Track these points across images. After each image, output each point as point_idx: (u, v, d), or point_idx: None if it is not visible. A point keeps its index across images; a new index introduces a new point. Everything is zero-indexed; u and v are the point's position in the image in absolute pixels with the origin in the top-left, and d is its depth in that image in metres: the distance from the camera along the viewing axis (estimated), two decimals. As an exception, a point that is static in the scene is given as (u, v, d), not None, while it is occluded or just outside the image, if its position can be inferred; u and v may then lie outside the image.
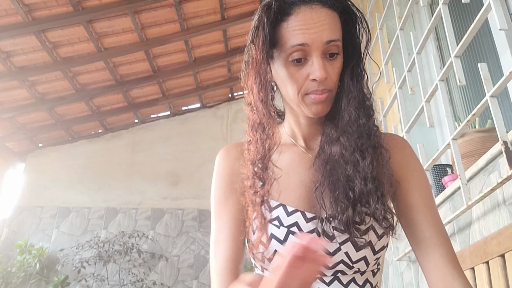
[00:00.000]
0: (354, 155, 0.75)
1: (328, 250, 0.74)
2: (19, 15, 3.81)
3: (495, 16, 1.39)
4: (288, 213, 0.76)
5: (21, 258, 4.88)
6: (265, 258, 0.76)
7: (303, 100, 0.75)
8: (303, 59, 0.73)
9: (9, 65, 4.36)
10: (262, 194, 0.78)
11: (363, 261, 0.75)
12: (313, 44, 0.71)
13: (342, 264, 0.74)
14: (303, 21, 0.71)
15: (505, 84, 1.36)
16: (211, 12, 4.63)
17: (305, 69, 0.73)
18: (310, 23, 0.71)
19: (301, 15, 0.72)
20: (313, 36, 0.71)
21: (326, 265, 0.60)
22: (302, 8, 0.72)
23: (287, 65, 0.74)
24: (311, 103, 0.75)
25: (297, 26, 0.71)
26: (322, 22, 0.71)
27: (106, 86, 5.17)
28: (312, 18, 0.71)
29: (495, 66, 1.94)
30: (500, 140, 1.33)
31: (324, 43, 0.72)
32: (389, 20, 2.77)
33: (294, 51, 0.72)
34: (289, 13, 0.72)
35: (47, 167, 5.78)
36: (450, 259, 0.74)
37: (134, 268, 5.15)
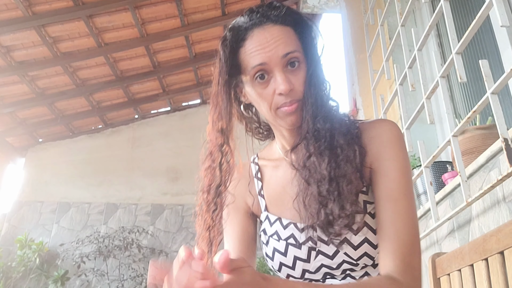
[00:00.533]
0: (311, 160, 0.76)
1: (328, 254, 0.77)
2: (19, 9, 3.80)
3: (497, 12, 1.38)
4: (284, 227, 0.82)
5: (21, 253, 4.89)
6: (275, 269, 0.83)
7: (276, 115, 0.78)
8: (266, 76, 0.76)
9: (9, 60, 4.35)
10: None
11: (366, 256, 0.77)
12: (271, 61, 0.75)
13: (346, 263, 0.77)
14: (257, 42, 0.75)
15: (506, 81, 1.36)
16: (212, 7, 4.62)
17: (270, 85, 0.76)
18: (264, 42, 0.75)
19: (255, 38, 0.76)
20: (269, 54, 0.75)
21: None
22: (255, 31, 0.76)
23: (254, 85, 0.78)
24: (284, 115, 0.77)
25: (253, 48, 0.76)
26: (275, 39, 0.75)
27: (106, 82, 5.16)
28: (266, 38, 0.75)
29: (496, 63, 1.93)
30: (500, 137, 1.33)
31: (281, 57, 0.75)
32: (390, 17, 2.77)
33: (256, 72, 0.76)
34: (244, 39, 0.77)
35: (47, 162, 5.78)
36: (391, 253, 0.71)
37: (134, 263, 5.17)
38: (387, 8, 2.64)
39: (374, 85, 2.79)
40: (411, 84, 2.09)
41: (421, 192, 2.25)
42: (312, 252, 0.79)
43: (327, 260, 0.78)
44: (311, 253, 0.79)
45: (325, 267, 0.78)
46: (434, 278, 1.48)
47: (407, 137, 2.12)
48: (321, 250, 0.78)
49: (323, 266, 0.78)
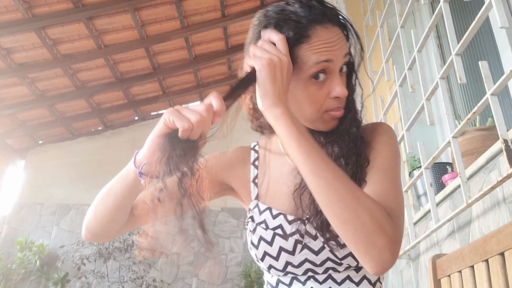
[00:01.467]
0: (339, 161, 0.77)
1: (313, 249, 0.77)
2: (19, 11, 3.81)
3: (496, 14, 1.38)
4: (273, 216, 0.81)
5: (21, 255, 4.89)
6: (258, 258, 0.81)
7: (321, 118, 0.77)
8: (322, 77, 0.74)
9: (9, 62, 4.35)
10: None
11: (350, 256, 0.76)
12: (336, 59, 0.73)
13: (330, 261, 0.77)
14: (324, 39, 0.72)
15: (506, 82, 1.36)
16: (212, 9, 4.63)
17: (325, 88, 0.75)
18: (330, 41, 0.73)
19: (320, 35, 0.73)
20: (336, 52, 0.73)
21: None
22: (318, 28, 0.73)
23: (307, 84, 0.75)
24: (330, 119, 0.77)
25: (320, 45, 0.72)
26: (338, 39, 0.74)
27: (106, 83, 5.16)
28: (331, 37, 0.73)
29: (496, 64, 1.93)
30: (500, 138, 1.33)
31: (343, 57, 0.75)
32: (389, 18, 2.77)
33: (318, 69, 0.73)
34: (307, 35, 0.73)
35: (47, 164, 5.78)
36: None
37: (134, 265, 5.16)
38: (386, 9, 2.64)
39: (374, 86, 2.79)
40: (411, 85, 2.10)
41: (421, 193, 2.25)
42: (298, 245, 0.78)
43: (312, 256, 0.77)
44: (297, 246, 0.78)
45: (308, 262, 0.78)
46: (435, 279, 1.48)
47: (407, 138, 2.12)
48: (307, 245, 0.78)
49: (307, 261, 0.78)
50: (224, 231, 5.58)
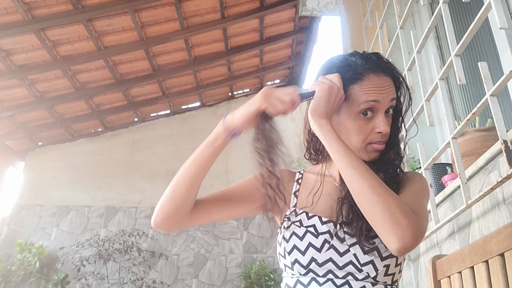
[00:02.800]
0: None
1: (339, 250, 0.86)
2: (18, 13, 3.81)
3: (496, 15, 1.39)
4: (308, 217, 0.92)
5: (21, 257, 4.88)
6: (286, 252, 0.90)
7: (365, 148, 0.92)
8: (370, 114, 0.90)
9: (8, 64, 4.35)
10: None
11: (371, 265, 0.84)
12: (382, 101, 0.89)
13: (352, 265, 0.84)
14: (375, 83, 0.89)
15: (505, 83, 1.36)
16: (211, 10, 4.63)
17: (371, 123, 0.90)
18: (380, 86, 0.89)
19: (372, 80, 0.89)
20: (383, 95, 0.89)
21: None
22: (371, 75, 0.90)
23: (356, 118, 0.90)
24: (372, 151, 0.92)
25: (370, 87, 0.89)
26: (387, 86, 0.90)
27: (106, 85, 5.17)
28: (381, 83, 0.90)
29: (495, 65, 1.93)
30: (500, 139, 1.33)
31: (389, 101, 0.90)
32: (389, 19, 2.77)
33: (367, 107, 0.89)
34: (361, 78, 0.90)
35: (47, 166, 5.78)
36: None
37: (134, 266, 5.16)
38: (386, 10, 2.64)
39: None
40: (411, 86, 2.10)
41: (421, 194, 2.25)
42: (325, 244, 0.87)
43: (336, 256, 0.85)
44: (324, 244, 0.87)
45: (331, 263, 0.85)
46: (435, 280, 1.48)
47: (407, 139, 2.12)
48: (334, 245, 0.86)
49: (331, 261, 0.85)
50: (224, 232, 5.57)
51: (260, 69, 6.06)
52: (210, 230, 5.57)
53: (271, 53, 5.91)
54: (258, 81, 6.43)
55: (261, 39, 5.43)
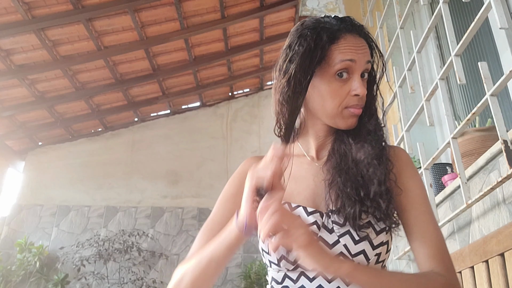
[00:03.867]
0: (374, 161, 0.85)
1: (328, 242, 0.81)
2: (18, 13, 3.81)
3: (496, 14, 1.39)
4: (291, 208, 0.85)
5: (21, 257, 4.88)
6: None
7: (341, 113, 0.86)
8: (345, 76, 0.85)
9: (8, 64, 4.35)
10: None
11: (362, 255, 0.80)
12: (358, 62, 0.85)
13: (342, 256, 0.79)
14: (351, 43, 0.85)
15: (505, 83, 1.36)
16: (211, 10, 4.63)
17: (347, 85, 0.85)
18: (356, 45, 0.86)
19: (348, 39, 0.86)
20: (359, 55, 0.85)
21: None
22: (348, 35, 0.86)
23: (331, 80, 0.85)
24: (349, 116, 0.87)
25: (347, 46, 0.85)
26: (363, 46, 0.87)
27: (106, 85, 5.16)
28: (357, 43, 0.86)
29: (495, 65, 1.93)
30: (500, 139, 1.33)
31: (365, 62, 0.86)
32: (389, 19, 2.77)
33: (342, 67, 0.84)
34: (338, 37, 0.85)
35: (47, 166, 5.78)
36: (431, 257, 0.82)
37: (134, 266, 5.16)
38: (386, 10, 2.64)
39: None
40: (411, 86, 2.10)
41: (421, 194, 2.25)
42: None
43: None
44: None
45: None
46: (435, 280, 1.47)
47: (407, 139, 2.12)
48: (322, 237, 0.81)
49: None
50: (224, 232, 5.57)
51: (260, 69, 6.06)
52: (210, 230, 5.57)
53: (271, 53, 5.91)
54: (258, 81, 6.43)
55: (261, 39, 5.43)
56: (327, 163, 0.90)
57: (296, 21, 5.33)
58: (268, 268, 0.89)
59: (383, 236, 0.83)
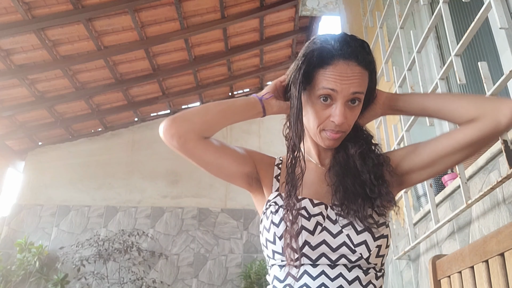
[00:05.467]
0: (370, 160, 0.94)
1: (332, 232, 0.85)
2: (18, 13, 3.81)
3: (496, 14, 1.39)
4: (298, 200, 0.88)
5: (21, 256, 4.88)
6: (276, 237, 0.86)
7: (319, 134, 0.92)
8: (329, 101, 0.88)
9: (8, 63, 4.35)
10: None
11: (364, 245, 0.84)
12: (340, 92, 0.86)
13: (345, 247, 0.84)
14: (338, 72, 0.86)
15: (505, 82, 1.36)
16: (211, 10, 4.63)
17: (328, 110, 0.89)
18: (343, 75, 0.86)
19: (338, 68, 0.87)
20: (343, 86, 0.86)
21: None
22: (340, 62, 0.87)
23: (314, 102, 0.90)
24: (326, 138, 0.92)
25: (332, 75, 0.87)
26: (354, 77, 0.87)
27: (106, 85, 5.17)
28: (346, 72, 0.86)
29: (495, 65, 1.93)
30: (500, 139, 1.33)
31: (350, 94, 0.87)
32: (389, 19, 2.77)
33: (323, 93, 0.87)
34: (328, 63, 0.87)
35: (47, 166, 5.78)
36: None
37: (134, 266, 5.16)
38: (386, 10, 2.64)
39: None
40: (411, 86, 2.10)
41: (421, 194, 2.25)
42: (318, 226, 0.86)
43: (330, 238, 0.84)
44: (317, 227, 0.85)
45: (325, 245, 0.84)
46: (435, 280, 1.48)
47: (407, 139, 2.12)
48: (326, 227, 0.86)
49: (324, 243, 0.84)
50: (224, 232, 5.57)
51: (260, 69, 6.06)
52: (210, 230, 5.57)
53: (271, 53, 5.91)
54: (258, 81, 6.43)
55: (261, 39, 5.43)
56: (331, 169, 0.96)
57: (296, 21, 5.34)
58: (269, 264, 0.91)
59: (383, 229, 0.87)
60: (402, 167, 0.96)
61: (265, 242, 0.88)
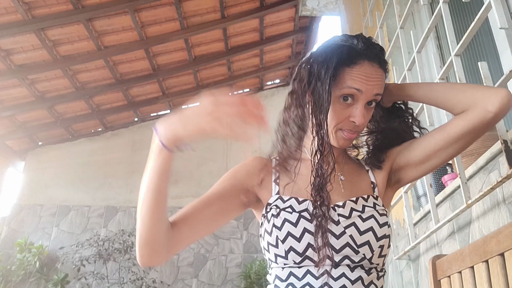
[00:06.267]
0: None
1: (334, 233, 0.84)
2: (18, 13, 3.81)
3: (496, 14, 1.39)
4: (299, 202, 0.88)
5: (21, 256, 4.88)
6: (279, 240, 0.85)
7: (335, 133, 0.90)
8: (350, 101, 0.88)
9: (9, 63, 4.35)
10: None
11: (367, 246, 0.84)
12: (365, 93, 0.87)
13: (348, 247, 0.83)
14: (365, 71, 0.87)
15: (505, 82, 1.36)
16: (211, 10, 4.63)
17: (348, 110, 0.88)
18: (369, 76, 0.87)
19: (364, 67, 0.87)
20: (368, 87, 0.87)
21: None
22: (366, 62, 0.87)
23: (336, 100, 0.88)
24: (341, 138, 0.91)
25: (359, 74, 0.86)
26: (378, 78, 0.88)
27: (106, 85, 5.17)
28: (371, 73, 0.87)
29: (495, 65, 1.93)
30: (500, 139, 1.33)
31: (372, 95, 0.88)
32: (389, 19, 2.77)
33: (349, 92, 0.87)
34: (355, 62, 0.87)
35: (47, 166, 5.78)
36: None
37: (134, 266, 5.16)
38: (386, 10, 2.64)
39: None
40: (411, 86, 2.09)
41: (421, 194, 2.25)
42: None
43: (333, 239, 0.83)
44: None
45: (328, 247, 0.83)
46: (435, 280, 1.48)
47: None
48: (329, 228, 0.84)
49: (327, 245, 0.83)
50: (224, 232, 5.57)
51: (260, 69, 6.06)
52: (210, 230, 5.57)
53: (271, 53, 5.91)
54: (258, 81, 6.43)
55: (261, 39, 5.43)
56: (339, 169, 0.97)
57: (296, 21, 5.34)
58: (270, 266, 0.90)
59: (386, 229, 0.87)
60: (399, 163, 0.97)
61: (267, 245, 0.87)
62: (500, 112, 0.83)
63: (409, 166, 0.96)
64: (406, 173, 0.97)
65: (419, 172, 0.96)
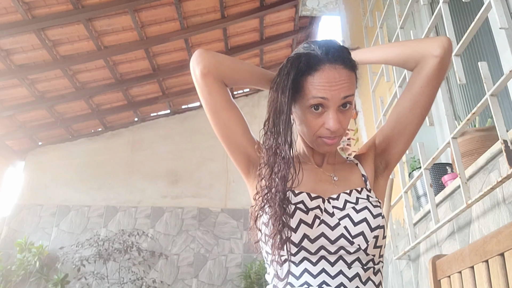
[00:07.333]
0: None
1: (329, 224, 0.86)
2: (18, 13, 3.81)
3: (496, 14, 1.39)
4: (295, 194, 0.89)
5: (21, 256, 4.88)
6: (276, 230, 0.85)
7: (316, 141, 0.91)
8: (321, 109, 0.87)
9: (9, 63, 4.35)
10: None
11: (362, 236, 0.85)
12: (332, 99, 0.85)
13: (343, 238, 0.85)
14: (326, 78, 0.85)
15: (505, 83, 1.36)
16: (211, 10, 4.63)
17: (321, 118, 0.88)
18: (332, 81, 0.85)
19: (325, 73, 0.85)
20: (333, 93, 0.85)
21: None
22: (327, 66, 0.86)
23: (306, 112, 0.88)
24: (323, 144, 0.91)
25: (321, 82, 0.85)
26: (342, 81, 0.86)
27: (106, 85, 5.17)
28: (335, 77, 0.85)
29: (495, 65, 1.93)
30: (500, 139, 1.33)
31: (341, 98, 0.86)
32: (389, 19, 2.77)
33: (315, 103, 0.86)
34: (315, 69, 0.86)
35: (47, 166, 5.78)
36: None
37: (134, 266, 5.16)
38: (386, 10, 2.64)
39: (373, 87, 2.80)
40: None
41: (421, 194, 2.25)
42: (316, 219, 0.86)
43: (328, 230, 0.86)
44: (315, 220, 0.86)
45: (323, 237, 0.85)
46: (435, 280, 1.48)
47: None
48: (324, 220, 0.87)
49: (322, 236, 0.85)
50: (224, 232, 5.57)
51: (260, 69, 6.06)
52: (210, 230, 5.57)
53: (271, 53, 5.91)
54: (258, 81, 6.42)
55: (261, 39, 5.43)
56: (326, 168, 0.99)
57: (296, 21, 5.34)
58: (268, 264, 0.93)
59: (380, 220, 0.88)
60: (381, 145, 1.00)
61: (264, 238, 0.88)
62: (444, 55, 0.90)
63: (391, 143, 0.98)
64: (391, 151, 0.98)
65: (402, 143, 0.97)
